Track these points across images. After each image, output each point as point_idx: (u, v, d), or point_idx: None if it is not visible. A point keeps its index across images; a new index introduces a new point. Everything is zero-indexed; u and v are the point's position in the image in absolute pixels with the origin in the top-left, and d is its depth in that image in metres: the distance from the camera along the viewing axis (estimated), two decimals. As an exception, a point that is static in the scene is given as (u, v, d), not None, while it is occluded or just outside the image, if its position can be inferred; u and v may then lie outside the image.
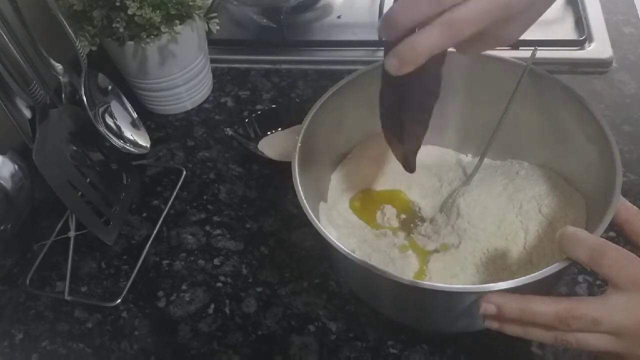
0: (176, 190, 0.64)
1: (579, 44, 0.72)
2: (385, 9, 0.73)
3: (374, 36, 0.76)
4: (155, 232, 0.60)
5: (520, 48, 0.70)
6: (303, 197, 0.44)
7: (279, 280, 0.55)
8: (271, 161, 0.63)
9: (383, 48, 0.38)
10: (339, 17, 0.82)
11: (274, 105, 0.70)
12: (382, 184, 0.57)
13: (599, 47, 0.72)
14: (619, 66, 0.71)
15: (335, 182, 0.56)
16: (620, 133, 0.63)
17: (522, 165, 0.54)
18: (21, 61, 0.47)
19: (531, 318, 0.36)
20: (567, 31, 0.75)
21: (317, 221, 0.42)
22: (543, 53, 0.72)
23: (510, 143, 0.54)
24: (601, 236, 0.39)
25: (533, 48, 0.51)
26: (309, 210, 0.43)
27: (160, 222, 0.61)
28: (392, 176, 0.57)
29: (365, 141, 0.57)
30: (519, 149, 0.55)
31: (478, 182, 0.54)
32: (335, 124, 0.53)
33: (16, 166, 0.57)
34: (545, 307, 0.36)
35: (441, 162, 0.58)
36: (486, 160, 0.57)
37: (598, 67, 0.71)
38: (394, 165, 0.57)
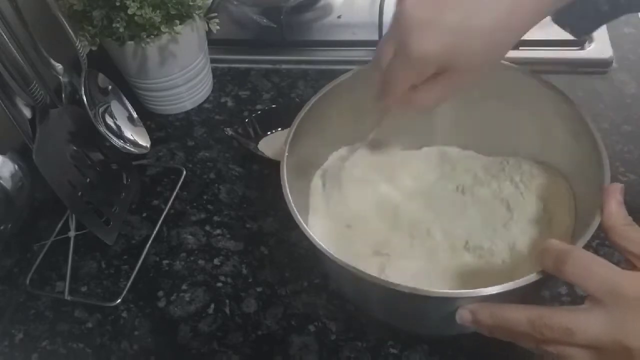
0: (176, 190, 0.64)
1: (579, 44, 0.72)
2: (386, 10, 0.74)
3: (374, 36, 0.76)
4: (155, 232, 0.60)
5: (520, 48, 0.70)
6: (293, 206, 0.43)
7: (279, 280, 0.55)
8: (271, 161, 0.63)
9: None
10: (339, 17, 0.82)
11: (274, 105, 0.70)
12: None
13: (599, 47, 0.72)
14: (619, 66, 0.71)
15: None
16: (620, 133, 0.63)
17: (512, 163, 0.54)
18: (21, 61, 0.47)
19: (505, 324, 0.36)
20: (567, 31, 0.75)
21: (305, 226, 0.42)
22: (543, 53, 0.72)
23: (500, 142, 0.54)
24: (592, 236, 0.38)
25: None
26: (298, 217, 0.43)
27: (160, 222, 0.61)
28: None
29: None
30: (509, 147, 0.54)
31: (466, 180, 0.54)
32: (320, 130, 0.52)
33: (16, 166, 0.57)
34: (517, 314, 0.35)
35: (428, 163, 0.57)
36: (475, 157, 0.56)
37: (598, 67, 0.71)
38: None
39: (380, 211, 0.53)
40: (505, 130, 0.53)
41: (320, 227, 0.51)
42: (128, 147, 0.59)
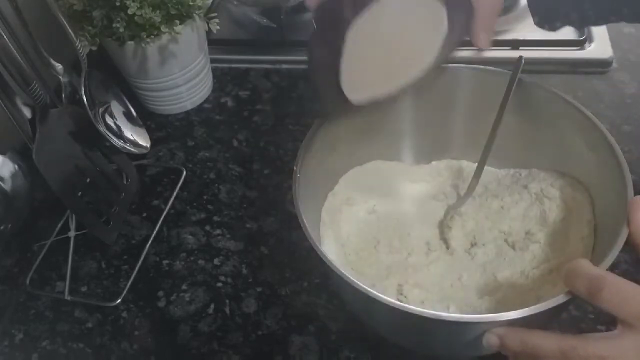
0: (176, 190, 0.64)
1: (579, 44, 0.72)
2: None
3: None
4: (155, 232, 0.60)
5: (521, 48, 0.70)
6: (307, 227, 0.42)
7: (279, 280, 0.55)
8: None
9: None
10: (339, 17, 0.82)
11: None
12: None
13: (599, 47, 0.72)
14: (619, 66, 0.71)
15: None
16: (620, 133, 0.63)
17: (525, 174, 0.53)
18: (21, 61, 0.47)
19: (534, 352, 0.35)
20: (567, 31, 0.74)
21: (319, 248, 0.41)
22: (543, 53, 0.72)
23: (514, 155, 0.53)
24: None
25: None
26: (314, 240, 0.41)
27: (160, 222, 0.61)
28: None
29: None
30: (522, 160, 0.53)
31: (480, 195, 0.52)
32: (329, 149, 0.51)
33: (16, 166, 0.57)
34: (547, 342, 0.34)
35: (438, 176, 0.56)
36: (490, 170, 0.54)
37: (598, 67, 0.71)
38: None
39: (391, 231, 0.52)
40: (519, 143, 0.52)
41: (333, 254, 0.48)
42: (128, 147, 0.59)
